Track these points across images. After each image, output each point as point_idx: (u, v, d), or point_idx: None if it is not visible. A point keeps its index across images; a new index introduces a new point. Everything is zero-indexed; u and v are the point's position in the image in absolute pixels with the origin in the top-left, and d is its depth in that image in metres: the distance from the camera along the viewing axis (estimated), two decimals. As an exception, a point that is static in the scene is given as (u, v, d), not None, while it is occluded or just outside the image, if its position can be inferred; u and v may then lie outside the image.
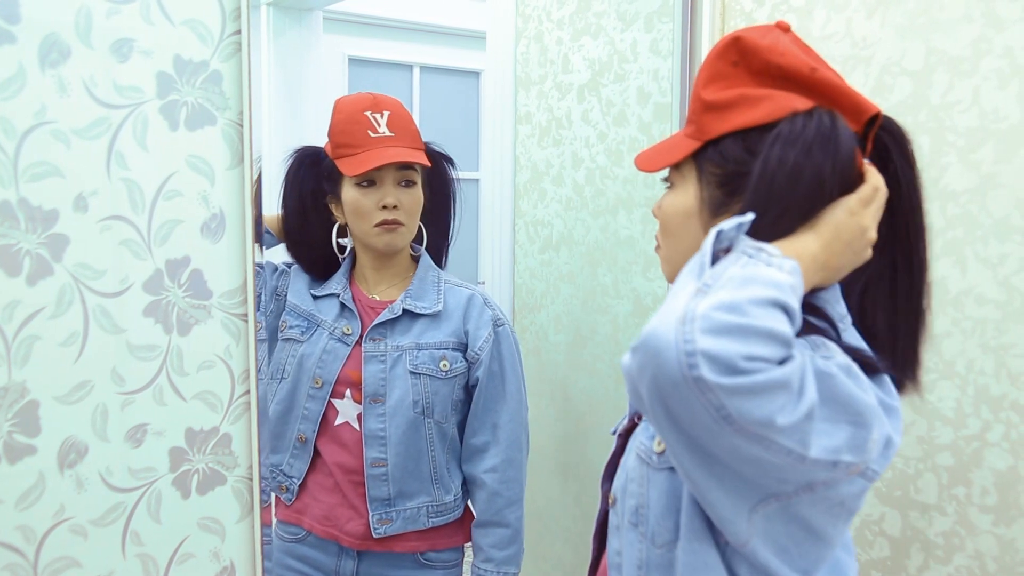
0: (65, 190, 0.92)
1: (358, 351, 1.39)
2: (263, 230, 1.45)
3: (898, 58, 1.25)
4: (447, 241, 1.54)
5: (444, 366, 1.39)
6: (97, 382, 0.96)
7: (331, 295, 1.43)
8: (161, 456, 1.01)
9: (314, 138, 1.49)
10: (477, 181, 3.02)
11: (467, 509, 1.48)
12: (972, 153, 1.17)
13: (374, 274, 1.44)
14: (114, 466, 0.98)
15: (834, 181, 0.74)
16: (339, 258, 1.48)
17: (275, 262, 1.50)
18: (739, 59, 0.80)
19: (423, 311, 1.40)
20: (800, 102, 0.77)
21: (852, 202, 0.75)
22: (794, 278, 0.66)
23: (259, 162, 1.07)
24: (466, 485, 1.47)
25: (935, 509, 1.24)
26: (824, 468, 0.66)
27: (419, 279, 1.44)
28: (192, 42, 0.99)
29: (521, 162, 1.96)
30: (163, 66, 0.97)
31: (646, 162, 0.88)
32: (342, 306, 1.42)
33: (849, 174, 0.75)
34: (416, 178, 1.40)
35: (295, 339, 1.41)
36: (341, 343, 1.39)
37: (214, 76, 1.00)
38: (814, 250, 0.73)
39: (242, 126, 1.03)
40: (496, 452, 1.42)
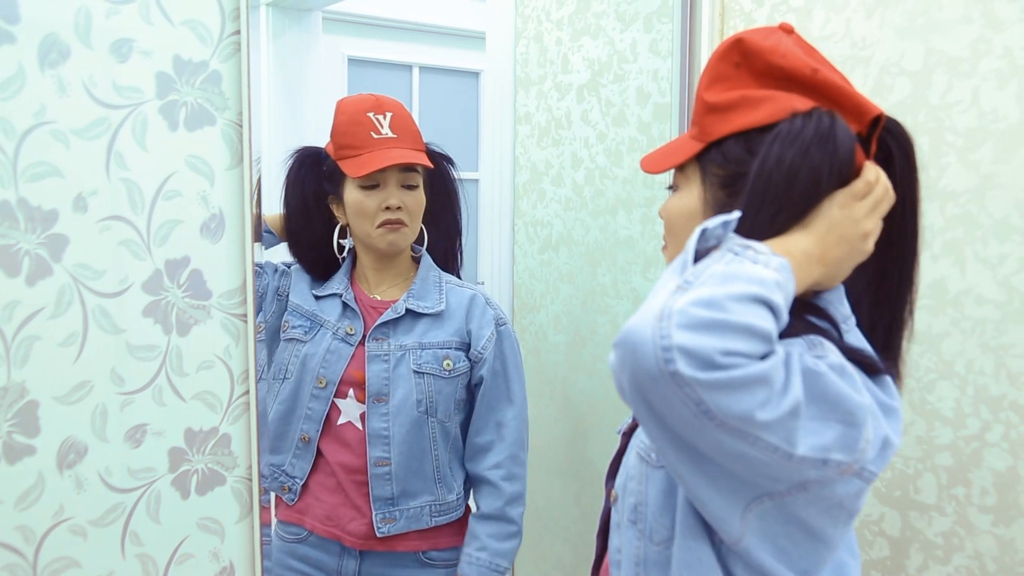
0: (64, 190, 0.92)
1: (361, 351, 1.39)
2: (264, 230, 1.46)
3: (897, 58, 1.25)
4: (456, 242, 1.54)
5: (447, 365, 1.39)
6: (96, 382, 0.96)
7: (333, 295, 1.43)
8: (160, 456, 1.01)
9: (314, 138, 1.49)
10: (476, 181, 3.01)
11: (468, 509, 1.48)
12: (971, 153, 1.17)
13: (375, 274, 1.44)
14: (113, 466, 0.98)
15: (832, 181, 0.74)
16: (339, 258, 1.48)
17: (275, 262, 1.50)
18: (741, 60, 0.80)
19: (426, 311, 1.41)
20: (801, 103, 0.76)
21: (843, 196, 0.75)
22: (781, 275, 0.66)
23: (258, 162, 1.07)
24: (468, 484, 1.47)
25: (934, 509, 1.24)
26: (814, 466, 0.66)
27: (421, 279, 1.44)
28: (191, 42, 0.99)
29: (520, 162, 1.96)
30: (162, 66, 0.97)
31: (651, 164, 0.88)
32: (344, 306, 1.42)
33: (847, 174, 0.75)
34: (418, 180, 1.41)
35: (298, 339, 1.41)
36: (344, 343, 1.39)
37: (213, 76, 1.00)
38: (806, 246, 0.73)
39: (241, 126, 1.03)
40: (501, 450, 1.43)
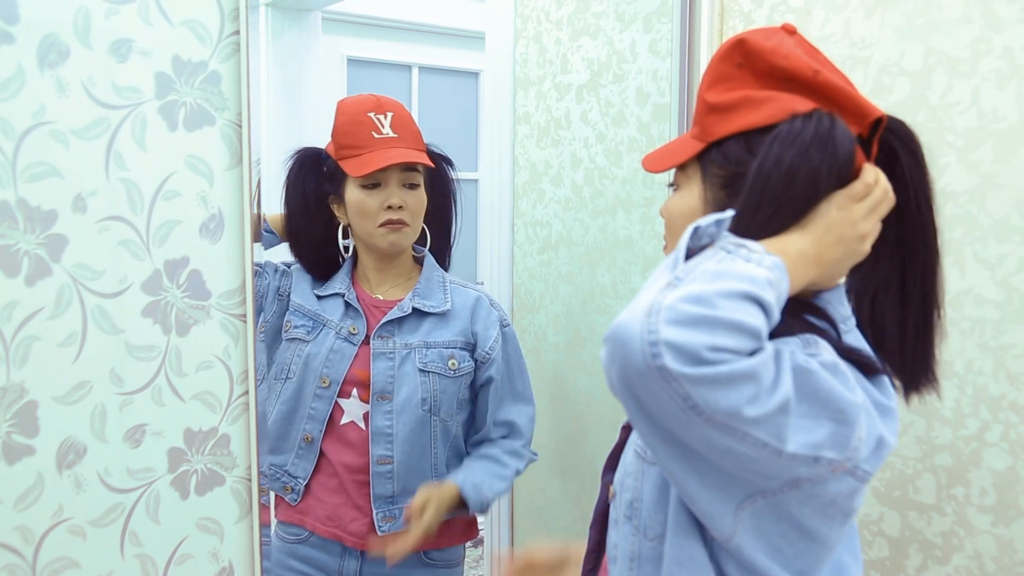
0: (64, 190, 0.92)
1: (364, 350, 1.39)
2: (265, 230, 1.46)
3: (897, 59, 1.25)
4: (449, 243, 1.54)
5: (452, 365, 1.39)
6: (96, 382, 0.96)
7: (336, 295, 1.43)
8: (160, 456, 1.01)
9: (313, 138, 1.50)
10: (476, 181, 3.01)
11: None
12: (971, 153, 1.17)
13: (376, 274, 1.45)
14: (113, 467, 0.98)
15: (830, 182, 0.74)
16: (340, 258, 1.48)
17: (275, 262, 1.50)
18: (743, 61, 0.80)
19: (432, 310, 1.41)
20: (802, 104, 0.76)
21: (841, 197, 0.75)
22: (774, 274, 0.66)
23: (258, 163, 1.08)
24: None
25: (934, 509, 1.24)
26: (805, 464, 0.66)
27: (426, 279, 1.44)
28: (191, 42, 0.99)
29: (520, 163, 1.96)
30: (162, 66, 0.97)
31: (653, 163, 0.88)
32: (347, 305, 1.42)
33: (846, 176, 0.75)
34: (419, 179, 1.41)
35: (301, 339, 1.41)
36: (348, 342, 1.39)
37: (213, 76, 1.00)
38: (802, 246, 0.73)
39: (241, 126, 1.02)
40: (515, 439, 1.49)
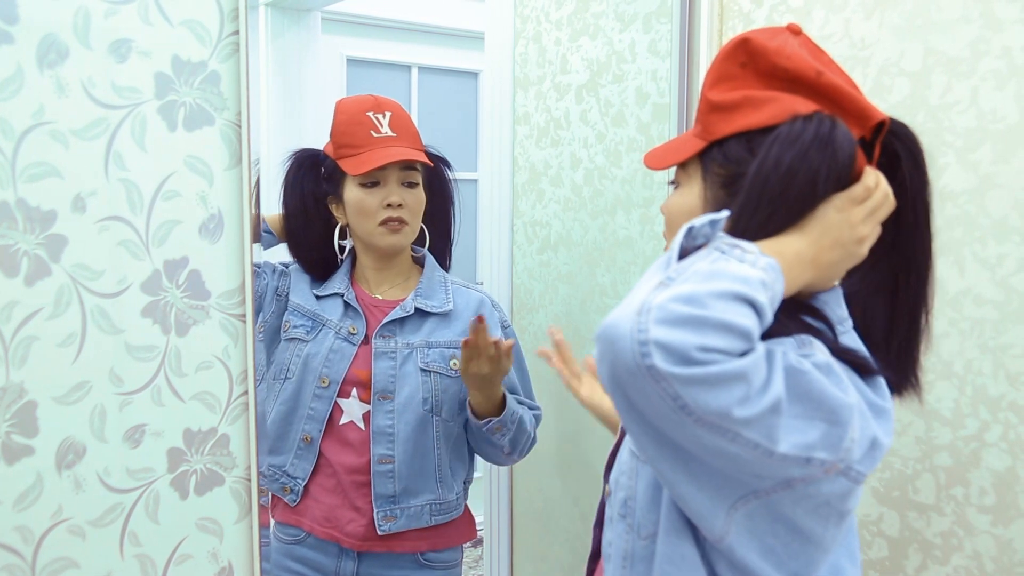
0: (63, 190, 0.92)
1: (364, 350, 1.39)
2: (264, 230, 1.46)
3: (896, 59, 1.25)
4: (449, 243, 1.55)
5: (454, 365, 1.39)
6: (95, 383, 0.96)
7: (335, 295, 1.43)
8: (159, 457, 1.01)
9: (313, 138, 1.50)
10: (475, 182, 3.01)
11: (467, 509, 1.49)
12: (970, 153, 1.17)
13: (375, 274, 1.45)
14: (112, 467, 0.98)
15: (829, 184, 0.74)
16: (338, 259, 1.48)
17: (273, 262, 1.50)
18: (747, 60, 0.80)
19: (434, 310, 1.41)
20: (804, 105, 0.76)
21: (840, 199, 0.74)
22: (768, 275, 0.66)
23: (257, 163, 1.08)
24: (467, 484, 1.48)
25: (933, 509, 1.24)
26: (797, 464, 0.66)
27: (427, 279, 1.44)
28: (190, 43, 0.99)
29: (519, 163, 1.96)
30: (161, 67, 0.97)
31: (655, 160, 0.88)
32: (346, 305, 1.42)
33: (846, 178, 0.75)
34: (418, 178, 1.41)
35: (300, 339, 1.41)
36: (347, 342, 1.39)
37: (212, 77, 1.00)
38: (798, 247, 0.73)
39: (240, 127, 1.02)
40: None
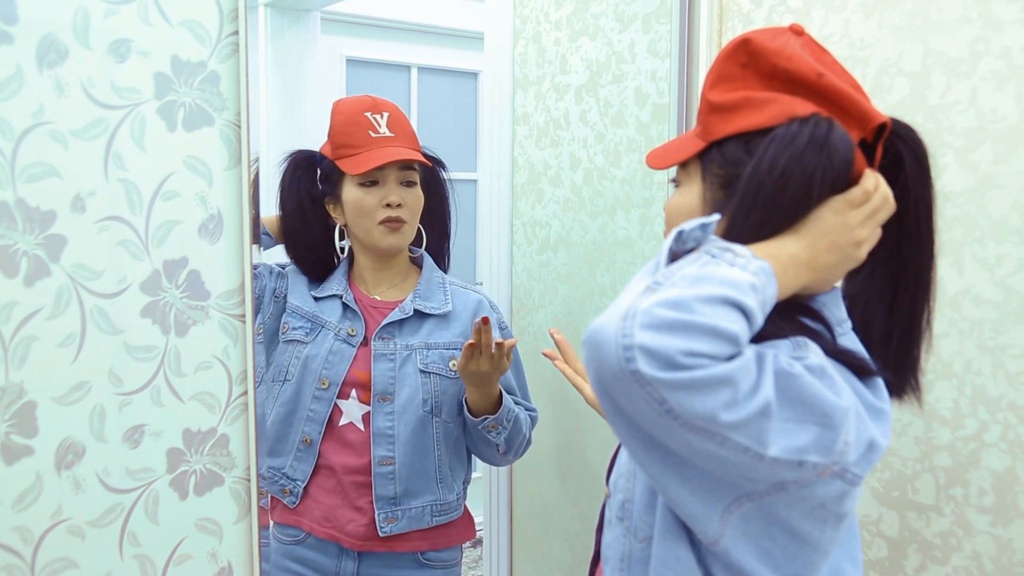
0: (63, 191, 0.92)
1: (364, 351, 1.39)
2: (261, 231, 1.46)
3: (896, 59, 1.25)
4: (447, 243, 1.55)
5: (453, 366, 1.39)
6: (95, 383, 0.96)
7: (333, 296, 1.43)
8: (159, 457, 1.01)
9: (312, 139, 1.50)
10: (475, 182, 3.01)
11: (466, 509, 1.49)
12: (970, 154, 1.17)
13: (373, 275, 1.45)
14: (112, 467, 0.98)
15: (824, 187, 0.73)
16: (335, 259, 1.48)
17: (270, 264, 1.50)
18: (748, 61, 0.79)
19: (433, 311, 1.41)
20: (803, 107, 0.76)
21: (838, 202, 0.74)
22: (759, 278, 0.66)
23: (257, 163, 1.07)
24: (466, 484, 1.48)
25: (933, 510, 1.24)
26: (789, 468, 0.65)
27: (426, 280, 1.44)
28: (190, 43, 0.99)
29: (519, 163, 1.96)
30: (161, 67, 0.97)
31: (656, 159, 0.88)
32: (345, 307, 1.42)
33: (843, 181, 0.74)
34: (416, 178, 1.42)
35: (299, 340, 1.41)
36: (347, 344, 1.39)
37: (212, 77, 1.00)
38: (794, 250, 0.72)
39: (240, 127, 1.02)
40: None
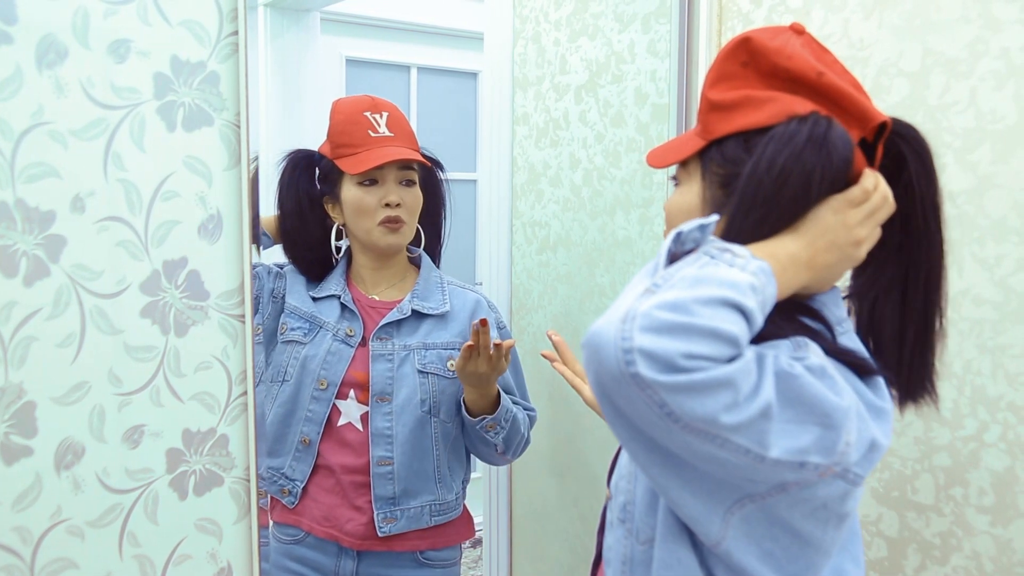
0: (62, 191, 0.92)
1: (362, 352, 1.39)
2: (260, 231, 1.46)
3: (895, 59, 1.25)
4: (439, 246, 1.55)
5: (451, 366, 1.39)
6: (94, 383, 0.96)
7: (331, 296, 1.43)
8: (158, 457, 1.01)
9: (312, 139, 1.50)
10: (475, 182, 3.01)
11: (465, 509, 1.49)
12: (969, 154, 1.17)
13: (372, 275, 1.45)
14: (111, 467, 0.98)
15: (823, 186, 0.73)
16: (333, 259, 1.48)
17: (268, 264, 1.50)
18: (748, 60, 0.79)
19: (431, 311, 1.41)
20: (802, 106, 0.76)
21: (837, 201, 0.74)
22: (759, 279, 0.65)
23: (256, 163, 1.07)
24: (465, 484, 1.48)
25: (932, 510, 1.24)
26: (790, 469, 0.65)
27: (424, 280, 1.44)
28: (189, 43, 0.98)
29: (518, 163, 1.96)
30: (160, 67, 0.97)
31: (656, 158, 0.88)
32: (343, 307, 1.42)
33: (842, 180, 0.74)
34: (415, 178, 1.42)
35: (297, 341, 1.41)
36: (345, 344, 1.39)
37: (211, 77, 1.00)
38: (793, 250, 0.72)
39: (239, 127, 1.02)
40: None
